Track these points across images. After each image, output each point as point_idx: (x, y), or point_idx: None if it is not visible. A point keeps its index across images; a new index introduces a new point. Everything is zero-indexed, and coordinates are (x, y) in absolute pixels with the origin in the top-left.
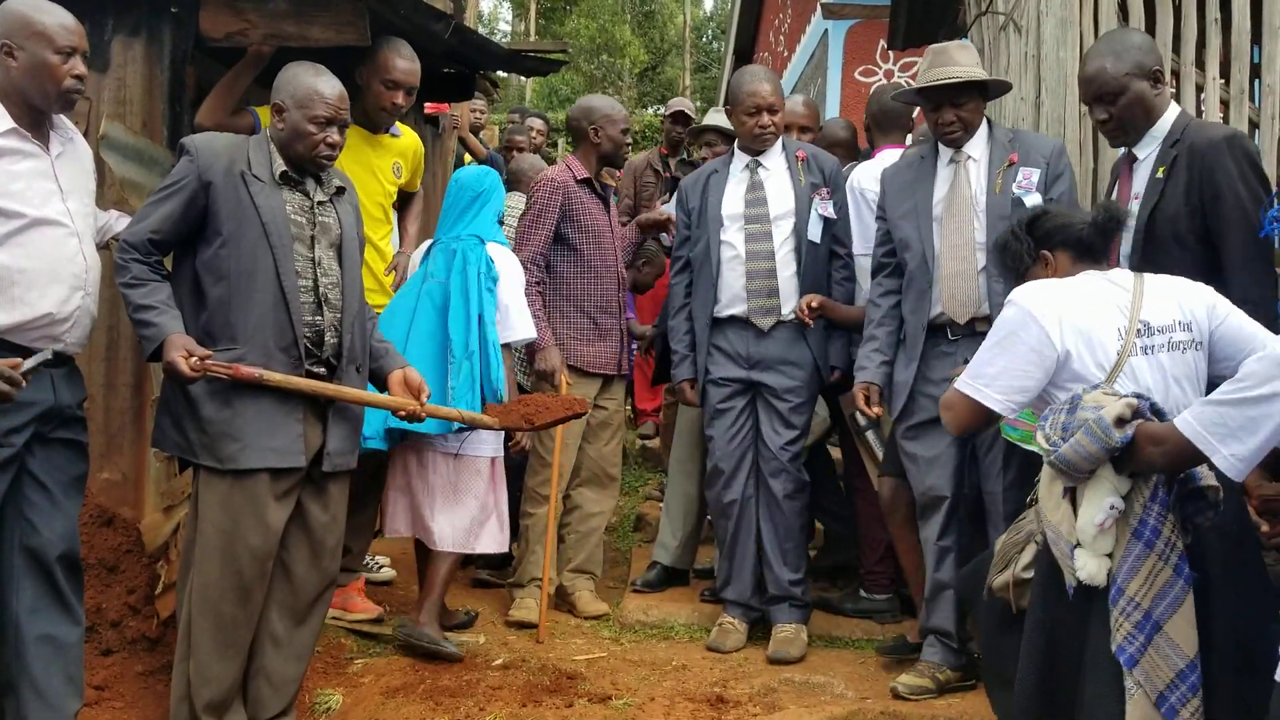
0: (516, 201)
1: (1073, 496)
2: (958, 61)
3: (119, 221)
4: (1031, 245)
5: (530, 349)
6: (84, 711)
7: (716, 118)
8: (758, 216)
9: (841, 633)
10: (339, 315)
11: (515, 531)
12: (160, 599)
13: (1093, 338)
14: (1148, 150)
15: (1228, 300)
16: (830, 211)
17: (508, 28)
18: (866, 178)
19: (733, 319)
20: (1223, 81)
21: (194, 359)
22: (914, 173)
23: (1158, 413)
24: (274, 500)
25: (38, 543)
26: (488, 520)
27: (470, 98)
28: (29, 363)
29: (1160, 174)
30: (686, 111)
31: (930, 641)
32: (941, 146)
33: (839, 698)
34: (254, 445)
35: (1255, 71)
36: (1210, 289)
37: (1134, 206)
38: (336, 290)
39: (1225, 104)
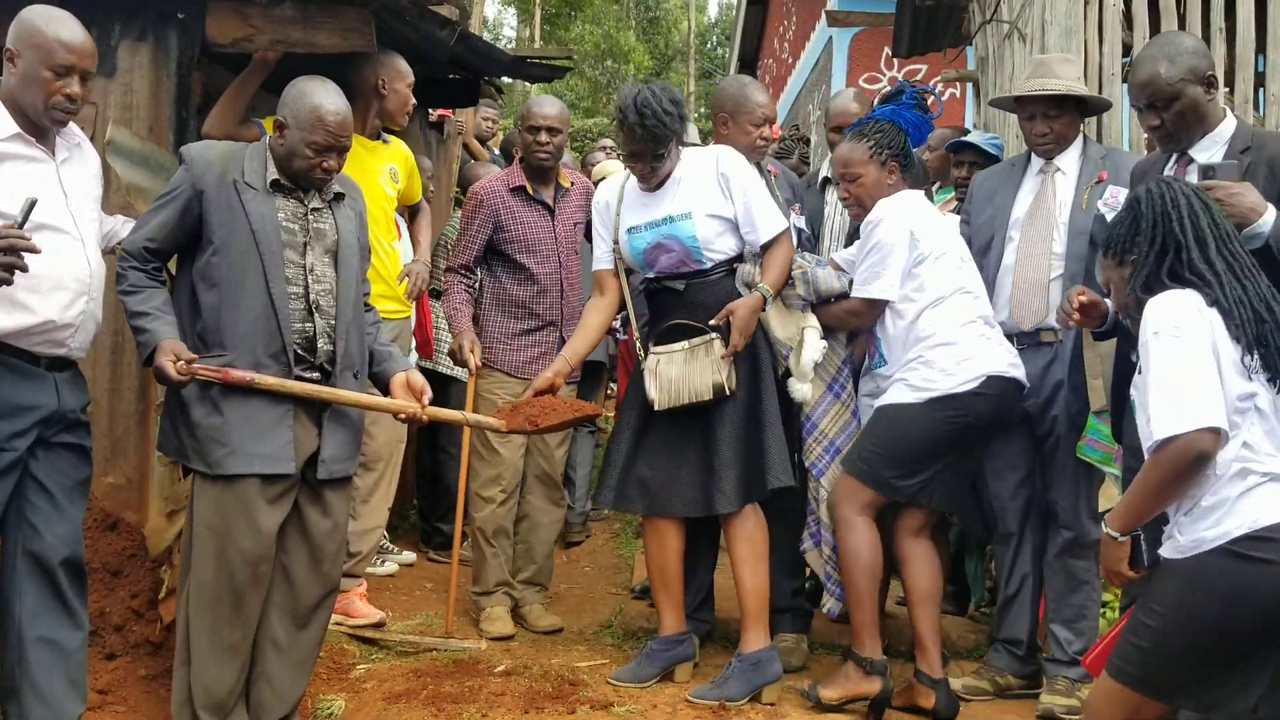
0: None
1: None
2: (1058, 75)
3: (125, 226)
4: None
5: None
6: (87, 715)
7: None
8: None
9: (846, 640)
10: (332, 321)
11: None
12: (164, 603)
13: None
14: (1208, 154)
15: None
16: (804, 225)
17: (512, 33)
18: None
19: None
20: (1227, 90)
21: (180, 363)
22: (1000, 179)
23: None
24: (266, 504)
25: (40, 547)
26: None
27: (475, 103)
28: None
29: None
30: None
31: (996, 648)
32: (1033, 156)
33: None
34: (241, 451)
35: (1260, 80)
36: None
37: None
38: (329, 297)
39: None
